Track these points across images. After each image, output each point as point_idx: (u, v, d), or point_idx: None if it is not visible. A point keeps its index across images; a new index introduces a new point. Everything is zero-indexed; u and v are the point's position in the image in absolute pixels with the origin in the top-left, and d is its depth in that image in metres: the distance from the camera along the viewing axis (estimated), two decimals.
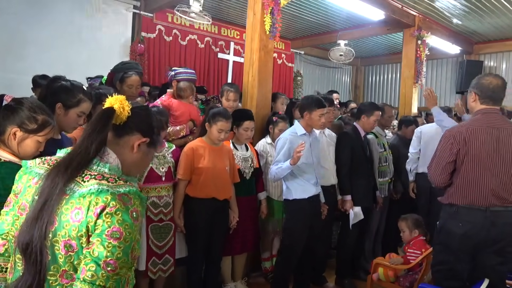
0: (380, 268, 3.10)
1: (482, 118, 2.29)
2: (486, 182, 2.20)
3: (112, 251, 1.00)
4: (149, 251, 2.72)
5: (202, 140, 2.95)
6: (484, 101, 2.31)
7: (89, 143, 1.11)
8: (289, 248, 3.04)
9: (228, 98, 3.64)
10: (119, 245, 1.01)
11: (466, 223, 2.22)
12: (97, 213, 1.01)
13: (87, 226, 1.02)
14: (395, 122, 5.24)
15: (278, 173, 2.89)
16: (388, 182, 3.94)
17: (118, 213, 1.02)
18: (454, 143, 2.25)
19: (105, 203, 1.01)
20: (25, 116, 1.62)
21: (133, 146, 1.21)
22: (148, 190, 2.76)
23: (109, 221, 1.01)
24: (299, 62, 8.62)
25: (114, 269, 1.00)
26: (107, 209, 1.01)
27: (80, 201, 1.03)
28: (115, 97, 1.18)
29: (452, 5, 5.64)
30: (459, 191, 2.26)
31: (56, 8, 5.11)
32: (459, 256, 2.26)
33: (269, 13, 3.70)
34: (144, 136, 1.22)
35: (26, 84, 4.06)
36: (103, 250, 0.99)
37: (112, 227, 1.00)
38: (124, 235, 1.01)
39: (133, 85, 3.13)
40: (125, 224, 1.02)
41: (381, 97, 9.67)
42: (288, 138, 2.95)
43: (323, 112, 2.97)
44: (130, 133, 1.21)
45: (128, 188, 1.08)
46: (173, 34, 6.31)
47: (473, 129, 2.24)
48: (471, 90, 2.37)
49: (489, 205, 2.19)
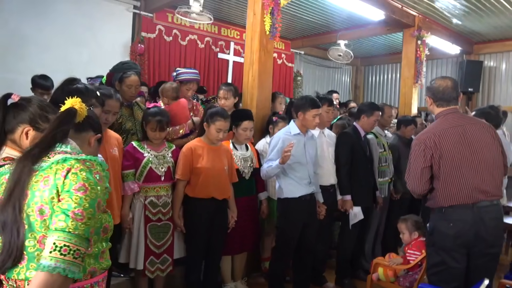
0: (380, 268, 3.10)
1: (444, 120, 2.34)
2: (467, 179, 2.23)
3: (79, 202, 1.13)
4: (147, 250, 2.73)
5: (201, 140, 2.96)
6: (439, 103, 2.39)
7: (54, 135, 1.26)
8: (281, 247, 3.06)
9: (219, 96, 3.67)
10: (85, 197, 1.15)
11: (456, 222, 2.23)
12: (64, 175, 1.16)
13: (56, 187, 1.15)
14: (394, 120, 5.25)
15: (268, 172, 2.93)
16: (388, 182, 3.95)
17: (82, 172, 1.17)
18: (426, 148, 2.28)
19: (71, 166, 1.17)
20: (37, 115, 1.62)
21: (89, 141, 1.44)
22: (147, 189, 2.77)
23: (74, 179, 1.16)
24: (299, 62, 8.61)
25: (82, 218, 1.13)
26: (72, 170, 1.17)
27: (47, 172, 1.18)
28: (73, 99, 1.33)
29: (452, 5, 5.64)
30: (444, 194, 2.27)
31: (56, 8, 5.11)
32: (453, 256, 2.26)
33: (269, 13, 3.71)
34: (96, 133, 1.46)
35: (26, 84, 4.06)
36: (71, 202, 1.13)
37: (78, 183, 1.15)
38: (89, 189, 1.16)
39: (132, 85, 3.13)
40: (89, 181, 1.17)
41: (381, 97, 9.66)
42: (282, 138, 2.97)
43: (317, 112, 2.98)
44: (86, 130, 1.44)
45: (90, 157, 1.24)
46: (173, 34, 6.31)
47: (440, 131, 2.29)
48: (426, 95, 2.48)
49: (475, 201, 2.21)
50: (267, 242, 3.59)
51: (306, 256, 3.16)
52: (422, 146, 2.30)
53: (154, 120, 2.77)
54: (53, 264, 1.07)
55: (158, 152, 2.84)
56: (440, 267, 2.32)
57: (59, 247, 1.09)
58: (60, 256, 1.08)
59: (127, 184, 2.70)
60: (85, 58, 5.29)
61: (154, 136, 2.81)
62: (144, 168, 2.76)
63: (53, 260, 1.08)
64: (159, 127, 2.78)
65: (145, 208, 2.76)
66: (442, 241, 2.29)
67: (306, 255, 3.15)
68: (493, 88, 7.87)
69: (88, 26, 5.40)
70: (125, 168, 2.72)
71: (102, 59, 5.22)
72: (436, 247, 2.33)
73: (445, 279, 2.28)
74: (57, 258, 1.08)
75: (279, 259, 3.11)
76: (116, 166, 2.62)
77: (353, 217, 3.43)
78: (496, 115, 3.72)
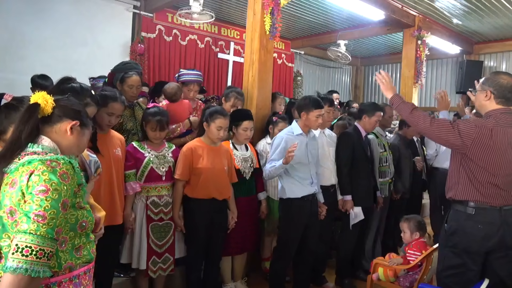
0: (380, 268, 3.10)
1: (499, 119, 2.19)
2: (500, 181, 2.14)
3: (40, 204, 1.15)
4: (149, 250, 2.73)
5: (201, 140, 2.95)
6: (500, 101, 2.21)
7: (18, 134, 1.27)
8: (283, 247, 3.06)
9: (235, 105, 3.59)
10: (46, 198, 1.16)
11: (486, 224, 2.14)
12: (27, 177, 1.18)
13: (21, 190, 1.18)
14: (395, 122, 5.25)
15: (271, 172, 2.92)
16: (388, 182, 3.94)
17: (45, 174, 1.18)
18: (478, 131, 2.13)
19: (34, 168, 1.19)
20: None
21: (66, 130, 1.38)
22: (148, 189, 2.77)
23: (36, 181, 1.17)
24: (299, 62, 8.61)
25: (43, 219, 1.15)
26: (35, 171, 1.18)
27: (15, 174, 1.22)
28: (37, 93, 1.33)
29: (452, 5, 5.64)
30: (474, 187, 2.16)
31: (56, 8, 5.11)
32: (475, 259, 2.18)
33: (269, 13, 3.71)
34: (73, 120, 1.39)
35: (26, 84, 4.06)
36: (32, 204, 1.15)
37: (40, 185, 1.17)
38: (51, 190, 1.17)
39: (133, 85, 3.13)
40: (52, 182, 1.18)
41: (381, 97, 9.65)
42: (284, 138, 2.96)
43: (320, 112, 2.97)
44: (59, 121, 1.38)
45: (56, 156, 1.25)
46: (173, 34, 6.31)
47: (493, 126, 2.16)
48: (485, 88, 2.25)
49: (503, 204, 2.15)
50: (267, 242, 3.59)
51: (307, 257, 3.16)
52: (476, 129, 2.14)
53: (154, 120, 2.77)
54: (15, 265, 1.11)
55: (158, 152, 2.84)
56: (458, 270, 2.23)
57: (20, 248, 1.12)
58: (22, 257, 1.12)
59: (129, 184, 2.70)
60: (85, 58, 5.29)
61: (154, 136, 2.81)
62: (145, 168, 2.76)
63: (15, 261, 1.12)
64: (159, 127, 2.78)
65: (147, 208, 2.76)
66: (467, 243, 2.19)
67: (307, 256, 3.15)
68: None
69: (88, 26, 5.40)
70: (127, 169, 2.72)
71: (102, 59, 5.23)
72: (458, 248, 2.22)
73: (463, 282, 2.19)
74: (19, 259, 1.12)
75: (280, 259, 3.10)
76: (119, 166, 2.62)
77: (353, 217, 3.42)
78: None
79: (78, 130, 1.42)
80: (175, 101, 3.53)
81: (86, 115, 1.49)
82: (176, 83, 3.68)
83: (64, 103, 1.41)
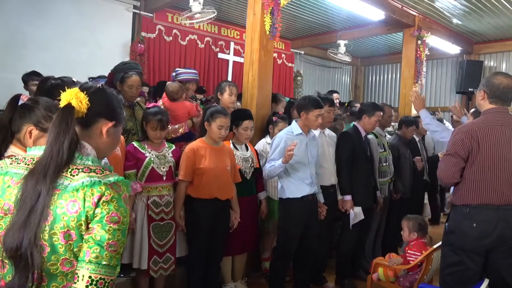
0: (380, 268, 3.10)
1: (491, 117, 2.24)
2: (499, 180, 2.17)
3: (113, 234, 1.10)
4: (151, 250, 2.73)
5: (203, 140, 2.95)
6: (492, 100, 2.27)
7: (59, 146, 1.13)
8: (283, 246, 3.06)
9: (232, 92, 3.64)
10: (119, 228, 1.11)
11: (480, 222, 2.17)
12: (95, 203, 1.09)
13: (86, 215, 1.09)
14: (396, 124, 5.26)
15: (271, 171, 2.93)
16: (388, 182, 3.95)
17: (114, 200, 1.11)
18: (465, 138, 2.20)
19: (101, 193, 1.10)
20: (41, 115, 1.63)
21: (102, 132, 1.24)
22: (149, 189, 2.77)
23: (107, 208, 1.10)
24: (299, 62, 8.61)
25: (115, 249, 1.11)
26: (103, 198, 1.10)
27: (74, 194, 1.10)
28: (68, 91, 1.18)
29: (452, 5, 5.64)
30: (472, 190, 2.20)
31: (56, 8, 5.11)
32: (472, 257, 2.21)
33: (269, 13, 3.71)
34: (109, 120, 1.25)
35: None
36: (105, 234, 1.09)
37: (111, 213, 1.10)
38: (121, 219, 1.12)
39: (133, 85, 3.14)
40: (121, 209, 1.12)
41: (381, 97, 9.67)
42: (284, 137, 2.97)
43: (320, 112, 2.98)
44: (96, 122, 1.23)
45: (116, 177, 1.16)
46: (173, 34, 6.32)
47: (485, 126, 2.21)
48: (481, 88, 2.33)
49: (501, 203, 2.16)
50: (267, 242, 3.59)
51: (307, 257, 3.16)
52: (462, 135, 2.22)
53: (155, 120, 2.78)
54: None
55: (159, 152, 2.85)
56: (456, 268, 2.26)
57: (95, 280, 1.08)
58: None
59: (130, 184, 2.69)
60: (85, 58, 5.30)
61: (154, 136, 2.81)
62: (146, 168, 2.76)
63: None
64: (160, 126, 2.79)
65: (148, 208, 2.76)
66: (462, 241, 2.23)
67: (307, 256, 3.15)
68: None
69: (88, 26, 5.41)
70: (127, 169, 2.72)
71: (102, 59, 5.23)
72: (454, 246, 2.27)
73: (462, 280, 2.22)
74: None
75: (280, 259, 3.11)
76: (119, 166, 2.63)
77: (353, 217, 3.42)
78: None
79: (113, 130, 1.27)
80: (176, 100, 3.53)
81: (119, 109, 1.30)
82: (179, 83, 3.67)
83: (98, 100, 1.22)
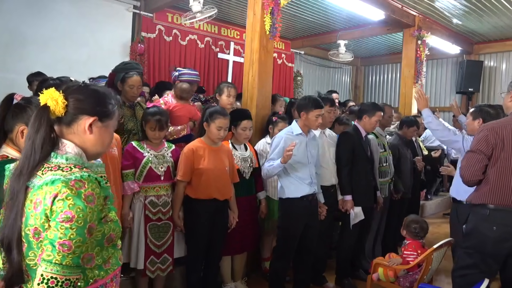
0: (380, 268, 3.10)
1: None
2: None
3: (65, 233, 1.08)
4: (147, 250, 2.73)
5: (202, 140, 2.95)
6: None
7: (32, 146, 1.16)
8: (282, 246, 3.06)
9: (230, 93, 3.68)
10: (71, 227, 1.09)
11: (501, 226, 2.14)
12: (51, 201, 1.10)
13: (45, 213, 1.10)
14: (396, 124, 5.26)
15: (269, 171, 2.93)
16: (388, 182, 3.95)
17: (69, 198, 1.10)
18: (490, 135, 2.18)
19: (57, 191, 1.10)
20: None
21: (84, 129, 1.22)
22: (146, 189, 2.77)
23: (60, 206, 1.09)
24: (299, 62, 8.61)
25: (69, 248, 1.09)
26: (58, 196, 1.09)
27: (38, 193, 1.12)
28: (45, 92, 1.18)
29: (452, 5, 5.64)
30: (493, 190, 2.17)
31: (56, 8, 5.11)
32: (487, 261, 2.19)
33: (269, 13, 3.71)
34: (91, 115, 1.22)
35: (26, 84, 4.07)
36: (56, 232, 1.08)
37: (64, 211, 1.09)
38: (76, 217, 1.09)
39: (134, 85, 3.14)
40: (76, 207, 1.09)
41: (381, 97, 9.67)
42: (283, 137, 2.97)
43: (320, 112, 2.98)
44: (77, 119, 1.21)
45: (81, 174, 1.14)
46: (173, 34, 6.31)
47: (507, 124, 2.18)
48: (509, 89, 2.33)
49: None
50: (267, 242, 3.59)
51: (307, 256, 3.16)
52: (486, 132, 2.20)
53: (154, 120, 2.77)
54: None
55: (157, 151, 2.84)
56: (469, 271, 2.24)
57: (46, 279, 1.07)
58: None
59: (127, 183, 2.70)
60: (85, 58, 5.29)
61: (153, 136, 2.81)
62: (143, 167, 2.76)
63: None
64: (159, 126, 2.79)
65: (145, 207, 2.76)
66: (481, 244, 2.20)
67: (307, 255, 3.15)
68: (493, 88, 7.89)
69: (88, 26, 5.40)
70: (125, 168, 2.72)
71: (102, 59, 5.23)
72: (471, 249, 2.24)
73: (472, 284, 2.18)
74: None
75: (280, 259, 3.11)
76: (116, 165, 2.62)
77: (354, 217, 3.42)
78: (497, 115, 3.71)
79: (99, 125, 1.24)
80: (183, 99, 3.54)
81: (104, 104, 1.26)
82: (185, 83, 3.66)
83: (76, 96, 1.20)
